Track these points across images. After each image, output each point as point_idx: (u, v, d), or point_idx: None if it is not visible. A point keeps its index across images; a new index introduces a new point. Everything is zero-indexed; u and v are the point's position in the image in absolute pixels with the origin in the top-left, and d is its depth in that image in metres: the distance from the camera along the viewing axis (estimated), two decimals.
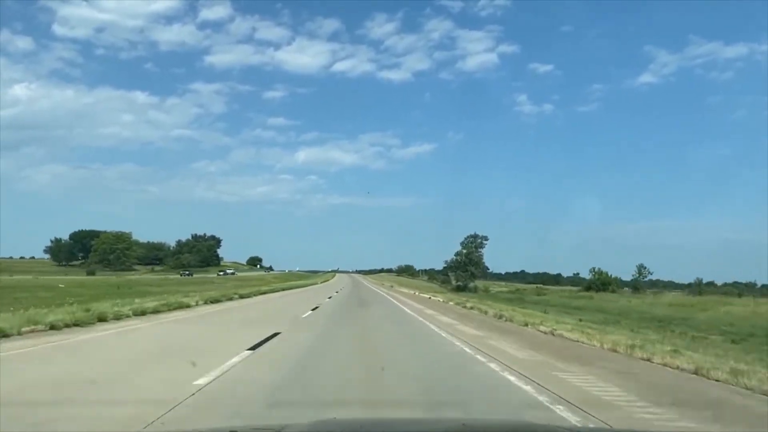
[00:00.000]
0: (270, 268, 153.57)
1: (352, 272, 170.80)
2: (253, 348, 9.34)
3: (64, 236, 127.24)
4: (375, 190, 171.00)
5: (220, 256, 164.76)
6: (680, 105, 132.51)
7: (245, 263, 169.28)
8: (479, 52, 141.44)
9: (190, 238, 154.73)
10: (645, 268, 72.57)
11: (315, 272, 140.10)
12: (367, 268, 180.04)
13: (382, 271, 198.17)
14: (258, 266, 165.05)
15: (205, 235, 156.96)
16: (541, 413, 5.31)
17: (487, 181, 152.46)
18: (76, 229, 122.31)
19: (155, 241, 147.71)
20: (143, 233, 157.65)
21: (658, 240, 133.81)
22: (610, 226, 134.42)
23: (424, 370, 8.05)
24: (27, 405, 5.12)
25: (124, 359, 8.11)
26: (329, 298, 33.35)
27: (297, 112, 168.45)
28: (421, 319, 18.88)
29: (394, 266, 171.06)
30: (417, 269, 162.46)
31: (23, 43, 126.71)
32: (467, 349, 10.57)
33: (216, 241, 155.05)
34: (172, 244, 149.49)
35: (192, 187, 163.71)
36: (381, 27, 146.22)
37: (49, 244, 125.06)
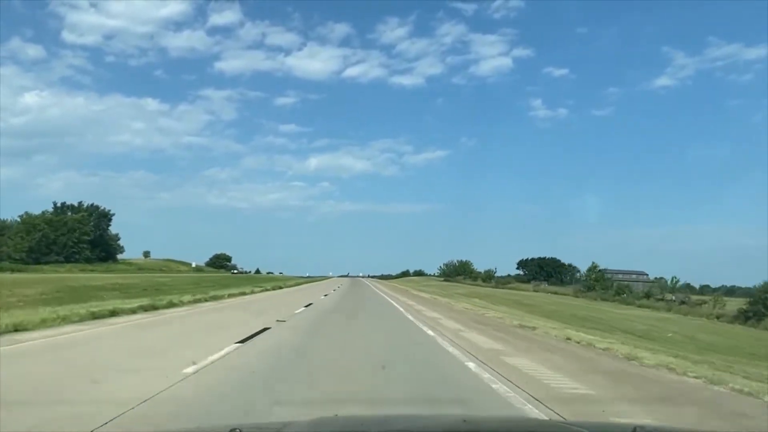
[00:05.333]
0: (257, 271, 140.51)
1: (363, 276, 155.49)
2: None
3: None
4: (387, 196, 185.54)
5: (121, 244, 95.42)
6: (699, 108, 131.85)
7: (205, 264, 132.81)
8: (493, 56, 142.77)
9: (50, 209, 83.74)
10: None
11: (324, 277, 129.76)
12: (380, 273, 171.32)
13: (406, 274, 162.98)
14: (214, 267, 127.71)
15: (81, 204, 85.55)
16: None
17: (500, 186, 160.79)
18: None
19: None
20: (152, 237, 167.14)
21: (672, 245, 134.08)
22: (624, 230, 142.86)
23: None
24: None
25: None
26: None
27: (308, 118, 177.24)
28: None
29: (415, 268, 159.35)
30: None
31: (33, 51, 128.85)
32: None
33: (98, 217, 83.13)
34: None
35: (203, 194, 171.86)
36: (393, 31, 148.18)
37: None
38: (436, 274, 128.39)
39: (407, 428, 2.51)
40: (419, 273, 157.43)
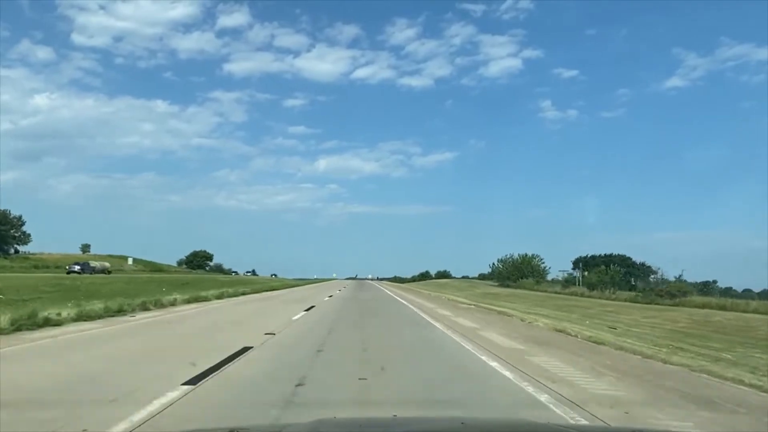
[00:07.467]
0: (254, 272, 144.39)
1: (373, 279, 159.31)
2: None
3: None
4: (396, 198, 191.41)
5: (26, 231, 67.35)
6: (710, 110, 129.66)
7: (177, 262, 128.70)
8: (502, 57, 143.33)
9: None
10: None
11: (326, 279, 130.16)
12: (391, 275, 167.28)
13: (426, 276, 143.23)
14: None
15: None
16: None
17: (511, 187, 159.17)
18: None
19: None
20: (163, 241, 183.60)
21: (684, 250, 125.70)
22: (634, 235, 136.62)
23: None
24: None
25: None
26: None
27: (317, 120, 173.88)
28: None
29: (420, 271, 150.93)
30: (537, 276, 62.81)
31: (43, 53, 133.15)
32: None
33: None
34: None
35: (212, 196, 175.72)
36: (402, 32, 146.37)
37: None
38: (473, 276, 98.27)
39: (406, 430, 2.52)
40: (444, 275, 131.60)
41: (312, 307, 19.50)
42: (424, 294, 41.59)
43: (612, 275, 53.73)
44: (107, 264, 67.65)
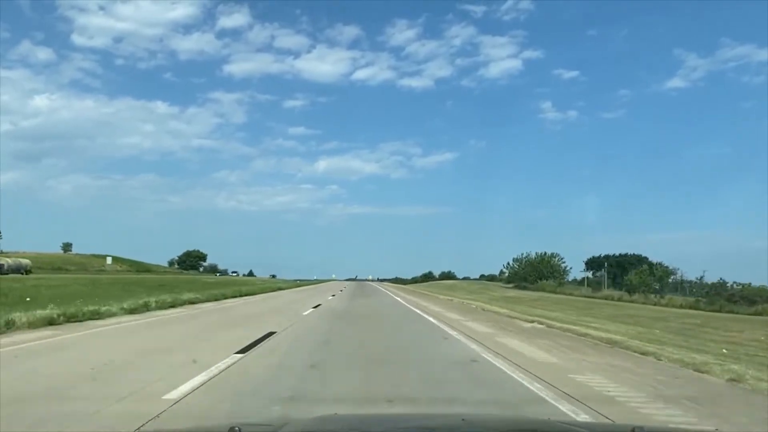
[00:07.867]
0: (251, 273, 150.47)
1: (374, 280, 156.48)
2: None
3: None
4: (396, 199, 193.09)
5: None
6: (711, 110, 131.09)
7: (168, 262, 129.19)
8: (502, 58, 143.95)
9: None
10: None
11: (323, 280, 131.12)
12: (392, 276, 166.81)
13: (429, 277, 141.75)
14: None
15: None
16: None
17: (511, 187, 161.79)
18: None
19: None
20: (162, 242, 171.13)
21: (684, 250, 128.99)
22: (636, 237, 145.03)
23: None
24: None
25: None
26: None
27: (317, 121, 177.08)
28: None
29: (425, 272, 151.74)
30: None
31: (44, 54, 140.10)
32: None
33: None
34: None
35: (212, 197, 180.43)
36: (402, 33, 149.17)
37: None
38: (474, 277, 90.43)
39: (406, 426, 2.52)
40: (449, 276, 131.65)
41: (269, 335, 10.84)
42: (441, 300, 32.92)
43: (660, 276, 45.23)
44: (25, 262, 57.15)
